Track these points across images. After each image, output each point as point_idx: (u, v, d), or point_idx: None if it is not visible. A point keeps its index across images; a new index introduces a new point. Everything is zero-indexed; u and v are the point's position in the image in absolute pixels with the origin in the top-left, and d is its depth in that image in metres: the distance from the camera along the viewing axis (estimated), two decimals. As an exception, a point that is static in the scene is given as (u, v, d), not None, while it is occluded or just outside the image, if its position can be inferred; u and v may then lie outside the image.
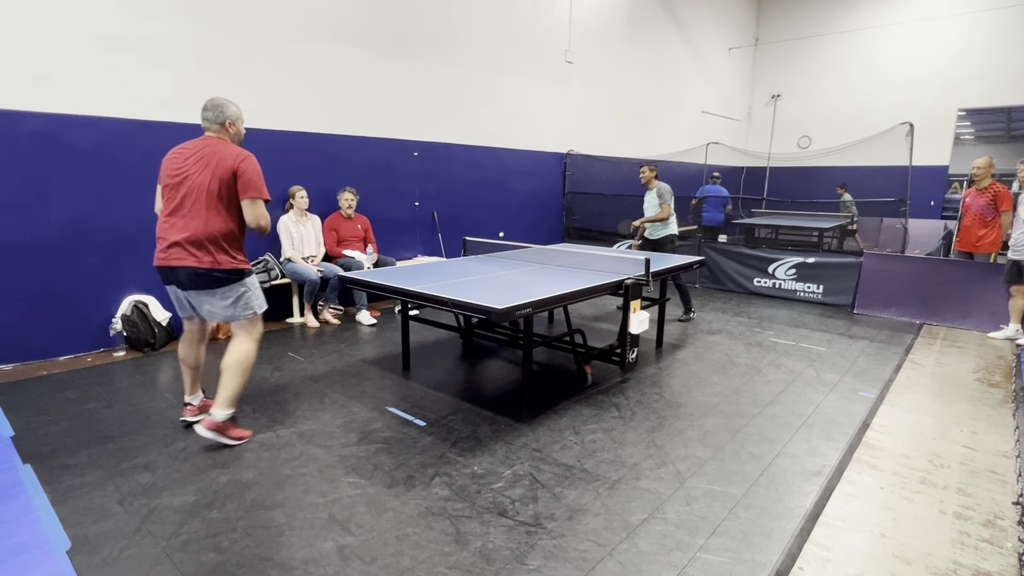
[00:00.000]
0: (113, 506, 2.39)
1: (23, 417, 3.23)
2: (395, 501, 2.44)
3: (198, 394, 3.17)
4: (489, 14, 7.00)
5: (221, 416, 2.87)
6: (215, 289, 2.81)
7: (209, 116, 2.85)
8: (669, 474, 2.71)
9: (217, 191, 2.74)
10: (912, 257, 6.03)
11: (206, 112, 2.86)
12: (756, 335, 5.17)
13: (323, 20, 5.42)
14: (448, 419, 3.29)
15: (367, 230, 5.78)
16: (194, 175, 2.74)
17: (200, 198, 2.73)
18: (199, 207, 2.73)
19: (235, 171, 2.75)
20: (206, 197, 2.73)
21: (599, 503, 2.45)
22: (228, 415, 2.89)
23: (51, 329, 4.18)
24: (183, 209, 2.75)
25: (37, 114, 3.97)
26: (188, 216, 2.74)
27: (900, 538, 2.22)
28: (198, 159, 2.76)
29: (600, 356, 3.95)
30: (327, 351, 4.53)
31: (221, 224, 2.77)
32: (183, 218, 2.74)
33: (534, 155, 8.02)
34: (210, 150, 2.76)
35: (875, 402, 3.63)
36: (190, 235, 2.72)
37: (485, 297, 3.08)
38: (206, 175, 2.72)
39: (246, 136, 3.06)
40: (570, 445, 2.99)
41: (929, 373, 4.22)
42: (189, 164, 2.76)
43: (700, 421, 3.31)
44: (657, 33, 10.07)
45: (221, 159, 2.74)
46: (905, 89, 11.17)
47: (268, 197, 2.86)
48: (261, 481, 2.60)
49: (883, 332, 5.36)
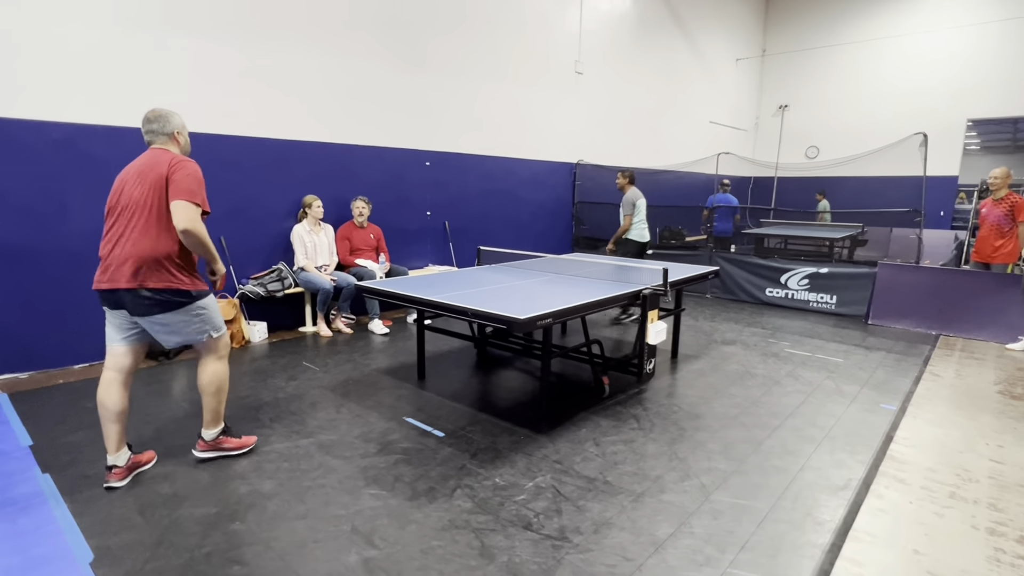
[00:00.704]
0: (134, 517, 2.37)
1: (41, 426, 3.22)
2: (418, 513, 2.42)
3: (124, 451, 2.66)
4: (501, 25, 7.04)
5: (211, 435, 2.85)
6: (168, 313, 2.57)
7: (155, 128, 2.64)
8: (693, 487, 2.67)
9: (156, 205, 2.50)
10: (928, 267, 5.99)
11: (150, 124, 2.64)
12: (771, 346, 5.13)
13: (336, 31, 5.46)
14: (466, 430, 3.26)
15: (379, 239, 5.79)
16: (131, 190, 2.52)
17: (140, 215, 2.49)
18: (140, 225, 2.49)
19: (167, 177, 2.49)
20: (146, 214, 2.49)
21: (624, 516, 2.42)
22: (218, 432, 2.87)
23: (66, 338, 4.18)
24: (125, 227, 2.51)
25: (57, 124, 4.00)
26: (132, 235, 2.49)
27: (934, 554, 2.18)
28: (136, 174, 2.54)
29: (617, 366, 3.92)
30: (341, 360, 4.51)
31: (168, 241, 2.52)
32: (129, 237, 2.50)
33: (544, 165, 8.04)
34: (150, 162, 2.55)
35: (897, 414, 3.59)
36: (135, 255, 2.48)
37: (505, 307, 3.07)
38: (143, 189, 2.50)
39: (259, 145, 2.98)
40: (591, 457, 2.95)
41: (949, 385, 4.17)
42: (128, 180, 2.56)
43: (721, 433, 3.27)
44: (665, 43, 10.12)
45: (156, 168, 2.51)
46: (913, 100, 11.17)
47: (204, 206, 2.57)
48: (281, 492, 2.57)
49: (899, 343, 5.31)
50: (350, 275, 5.36)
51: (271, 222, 5.25)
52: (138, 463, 2.74)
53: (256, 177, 5.06)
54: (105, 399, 2.62)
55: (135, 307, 2.54)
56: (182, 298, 2.59)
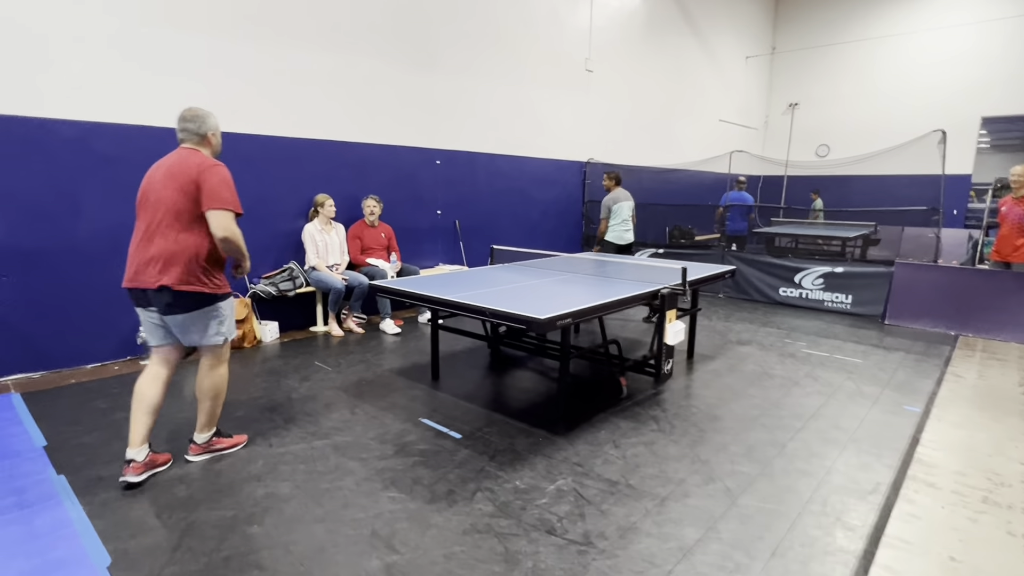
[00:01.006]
0: (151, 520, 2.34)
1: (55, 426, 3.19)
2: (438, 517, 2.37)
3: (145, 448, 2.65)
4: (511, 23, 6.99)
5: (204, 439, 2.86)
6: (188, 313, 2.59)
7: (190, 127, 2.65)
8: (718, 491, 2.61)
9: (184, 207, 2.51)
10: (946, 267, 5.90)
11: (186, 123, 2.65)
12: (788, 346, 5.06)
13: (348, 30, 5.42)
14: (483, 431, 3.21)
15: (390, 238, 5.74)
16: (160, 191, 2.53)
17: (168, 216, 2.51)
18: (167, 226, 2.51)
19: (197, 182, 2.51)
20: (174, 216, 2.51)
21: (649, 521, 2.36)
22: (211, 435, 2.87)
23: (78, 337, 4.16)
24: (153, 228, 2.53)
25: (70, 122, 3.97)
26: (159, 235, 2.52)
27: (971, 562, 2.11)
28: (165, 174, 2.55)
29: (634, 367, 3.86)
30: (354, 360, 4.47)
31: (193, 242, 2.54)
32: (155, 237, 2.52)
33: (554, 163, 7.98)
34: (179, 163, 2.57)
35: (921, 416, 3.51)
36: (161, 256, 2.50)
37: (523, 307, 3.01)
38: (171, 191, 2.51)
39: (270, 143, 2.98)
40: (612, 459, 2.90)
41: (972, 386, 4.09)
42: (157, 179, 2.57)
43: (743, 435, 3.21)
44: (675, 41, 10.04)
45: (185, 171, 2.53)
46: (926, 97, 11.05)
47: (238, 209, 2.60)
48: (299, 495, 2.53)
49: (918, 343, 5.23)
50: (361, 274, 5.32)
51: (282, 221, 5.22)
52: (155, 462, 2.71)
53: (267, 175, 5.02)
54: (147, 391, 2.65)
55: (160, 306, 2.59)
56: (205, 301, 2.62)
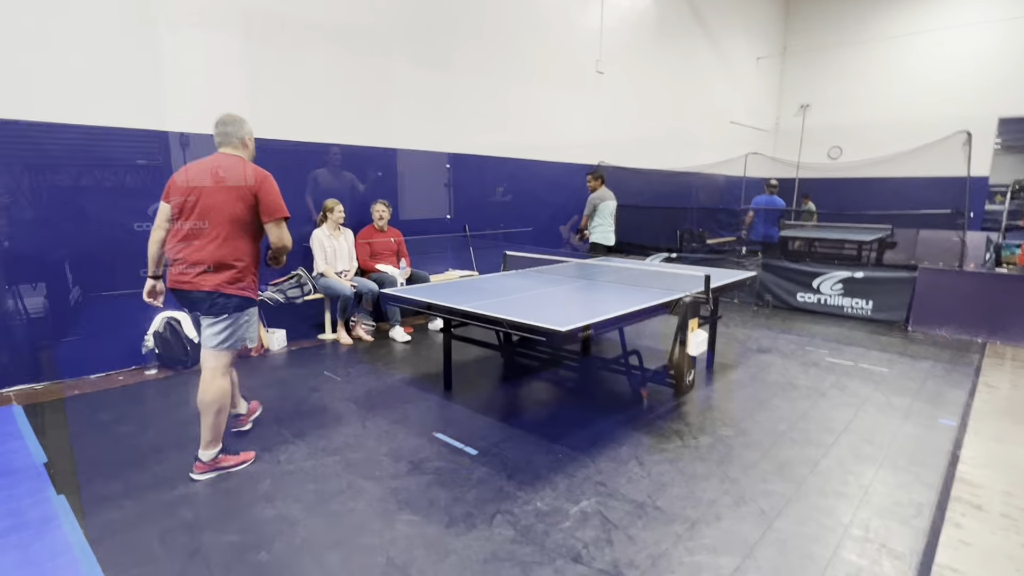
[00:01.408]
0: (153, 545, 2.21)
1: (56, 441, 3.08)
2: (457, 543, 2.24)
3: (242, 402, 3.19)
4: (522, 24, 6.87)
5: (210, 456, 2.74)
6: (226, 315, 2.66)
7: (229, 131, 2.73)
8: (752, 513, 2.47)
9: (240, 214, 2.63)
10: (972, 272, 5.72)
11: (225, 127, 2.73)
12: (809, 354, 4.90)
13: (357, 32, 5.31)
14: (500, 447, 3.08)
15: (400, 244, 5.63)
16: (213, 195, 2.60)
17: (222, 220, 2.60)
18: (222, 229, 2.61)
19: (256, 193, 2.65)
20: (229, 220, 2.61)
21: (681, 547, 2.22)
22: (216, 452, 2.76)
23: (82, 346, 4.05)
24: (203, 231, 2.60)
25: (74, 127, 3.87)
26: (211, 240, 2.60)
27: (1033, 596, 1.96)
28: (216, 178, 2.62)
29: (655, 378, 3.72)
30: (363, 370, 4.35)
31: (246, 248, 2.68)
32: (205, 241, 2.60)
33: (565, 167, 7.84)
34: (228, 169, 2.64)
35: (958, 430, 3.35)
36: (214, 260, 2.59)
37: (541, 317, 2.88)
38: (225, 196, 2.60)
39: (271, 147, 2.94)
40: (636, 478, 2.76)
41: (1007, 397, 3.93)
42: (206, 183, 2.62)
43: (772, 452, 3.06)
44: (685, 41, 9.90)
45: (242, 178, 2.63)
46: (941, 98, 10.86)
47: (289, 215, 2.77)
48: (309, 517, 2.40)
49: (945, 351, 5.05)
50: (371, 281, 5.20)
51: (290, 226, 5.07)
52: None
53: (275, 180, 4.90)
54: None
55: (206, 308, 2.64)
56: (244, 305, 2.71)
